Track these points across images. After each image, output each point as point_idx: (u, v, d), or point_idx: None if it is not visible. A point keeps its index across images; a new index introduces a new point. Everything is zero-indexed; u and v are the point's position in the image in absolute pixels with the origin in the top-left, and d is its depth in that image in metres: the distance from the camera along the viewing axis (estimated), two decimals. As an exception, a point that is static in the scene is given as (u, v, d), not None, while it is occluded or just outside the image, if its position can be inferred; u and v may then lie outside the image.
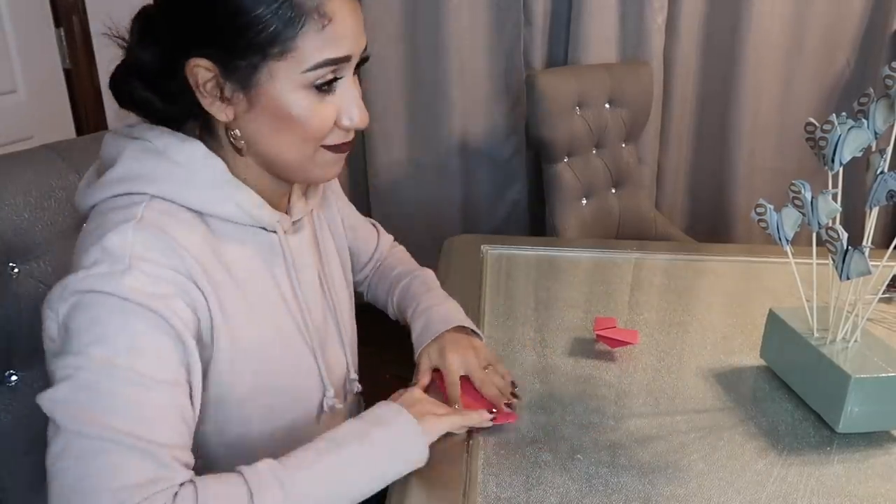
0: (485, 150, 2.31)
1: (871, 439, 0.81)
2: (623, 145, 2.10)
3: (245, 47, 0.61)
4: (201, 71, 0.63)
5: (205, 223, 0.67)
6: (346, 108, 0.67)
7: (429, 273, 1.03)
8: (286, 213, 0.77)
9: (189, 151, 0.66)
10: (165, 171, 0.65)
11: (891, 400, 0.79)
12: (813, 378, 0.85)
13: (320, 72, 0.64)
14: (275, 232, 0.73)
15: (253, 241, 0.71)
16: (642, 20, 2.13)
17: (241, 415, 0.70)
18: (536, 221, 2.36)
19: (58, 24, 1.64)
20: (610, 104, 2.02)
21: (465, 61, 2.19)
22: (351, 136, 0.71)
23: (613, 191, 2.08)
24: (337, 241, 0.89)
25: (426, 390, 0.84)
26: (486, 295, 1.16)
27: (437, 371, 0.87)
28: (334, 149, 0.70)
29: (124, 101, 0.67)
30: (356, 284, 1.03)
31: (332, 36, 0.63)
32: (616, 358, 0.98)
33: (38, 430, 0.62)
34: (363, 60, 0.69)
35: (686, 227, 2.46)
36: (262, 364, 0.70)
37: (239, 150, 0.68)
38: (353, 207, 1.01)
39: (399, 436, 0.70)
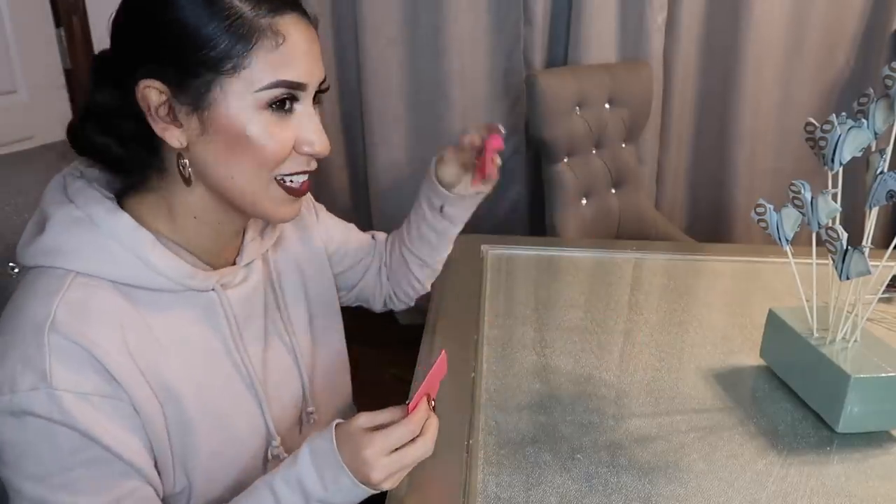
0: (485, 150, 2.31)
1: (871, 439, 0.81)
2: (623, 145, 2.10)
3: (197, 64, 0.61)
4: (153, 93, 0.62)
5: (131, 297, 0.65)
6: (305, 134, 0.66)
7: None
8: (235, 257, 0.76)
9: (114, 224, 0.65)
10: (91, 246, 0.64)
11: (891, 400, 0.79)
12: (813, 378, 0.85)
13: (275, 92, 0.63)
14: (213, 290, 0.71)
15: (188, 307, 0.69)
16: (642, 20, 2.13)
17: (181, 475, 0.69)
18: (536, 221, 2.36)
19: (58, 24, 1.64)
20: (610, 104, 2.02)
21: (465, 61, 2.19)
22: (310, 168, 0.69)
23: (613, 191, 2.08)
24: (306, 268, 0.87)
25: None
26: (486, 295, 1.16)
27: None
28: (289, 189, 0.68)
29: (82, 149, 0.66)
30: (366, 280, 1.00)
31: (286, 56, 0.63)
32: (616, 358, 0.98)
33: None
34: (322, 91, 0.69)
35: (686, 227, 2.46)
36: (200, 427, 0.69)
37: (187, 181, 0.66)
38: (334, 219, 0.98)
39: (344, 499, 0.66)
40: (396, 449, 0.64)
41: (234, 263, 0.75)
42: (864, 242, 0.78)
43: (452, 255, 1.33)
